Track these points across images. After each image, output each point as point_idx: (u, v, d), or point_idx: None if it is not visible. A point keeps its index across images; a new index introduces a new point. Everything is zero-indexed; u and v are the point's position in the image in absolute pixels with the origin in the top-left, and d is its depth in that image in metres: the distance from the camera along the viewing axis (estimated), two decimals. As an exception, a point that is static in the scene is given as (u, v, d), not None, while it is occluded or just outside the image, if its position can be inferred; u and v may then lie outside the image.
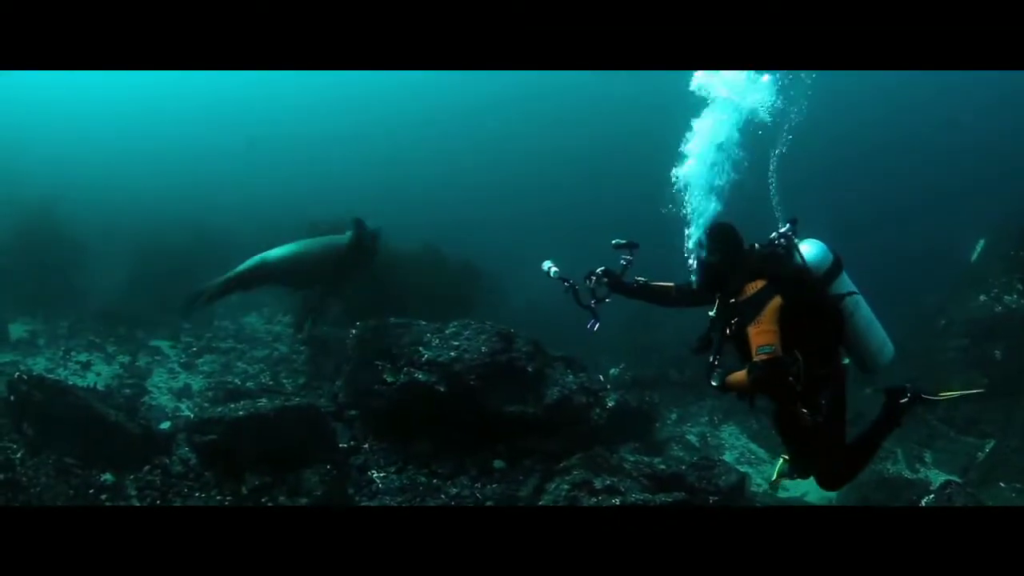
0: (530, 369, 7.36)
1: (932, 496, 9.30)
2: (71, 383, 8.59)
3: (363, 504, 6.73)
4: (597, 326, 5.11)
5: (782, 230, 4.62)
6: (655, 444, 9.02)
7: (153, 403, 10.30)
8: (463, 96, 39.17)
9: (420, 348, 7.28)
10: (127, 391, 10.44)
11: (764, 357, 4.17)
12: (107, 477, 6.54)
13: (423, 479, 7.07)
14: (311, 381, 10.35)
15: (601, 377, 8.29)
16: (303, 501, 6.54)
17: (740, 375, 4.33)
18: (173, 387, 11.25)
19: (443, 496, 6.84)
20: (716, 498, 6.86)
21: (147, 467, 6.84)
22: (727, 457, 9.99)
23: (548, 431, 7.28)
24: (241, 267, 9.53)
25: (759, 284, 4.33)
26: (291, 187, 28.74)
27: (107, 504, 6.27)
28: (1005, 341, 12.09)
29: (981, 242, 14.05)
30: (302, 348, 11.76)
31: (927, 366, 12.35)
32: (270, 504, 6.51)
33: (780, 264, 4.47)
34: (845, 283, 4.58)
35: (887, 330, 4.82)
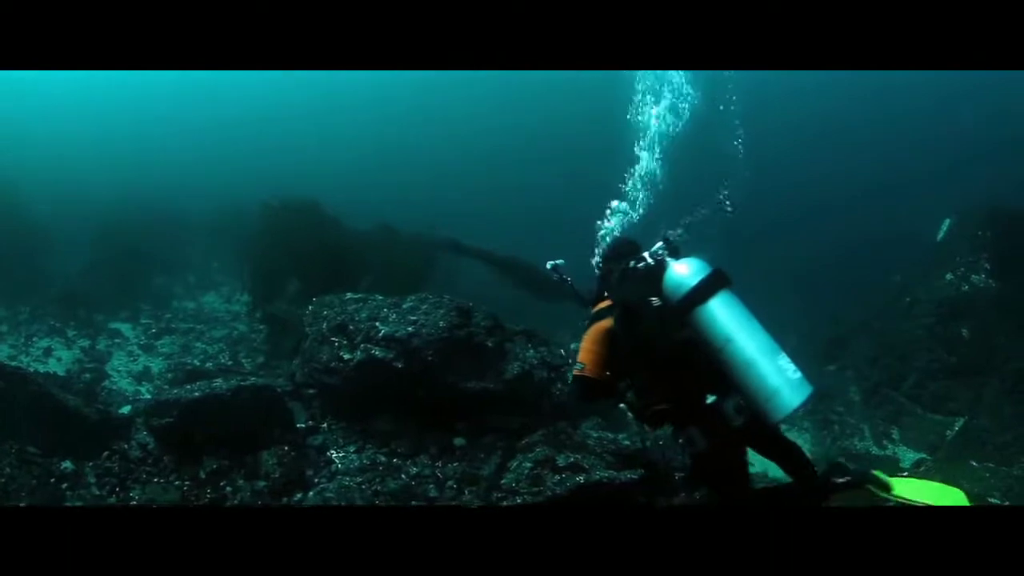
0: (490, 344, 7.19)
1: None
2: (32, 370, 8.43)
3: (321, 483, 6.54)
4: None
5: (653, 248, 4.47)
6: (618, 419, 8.90)
7: (113, 387, 10.17)
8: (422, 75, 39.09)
9: (377, 323, 7.07)
10: (87, 376, 10.31)
11: (575, 373, 4.32)
12: (67, 465, 6.36)
13: (383, 458, 6.89)
14: (270, 360, 10.24)
15: (562, 351, 8.12)
16: (261, 484, 6.38)
17: None
18: (133, 370, 11.16)
19: (403, 476, 6.66)
20: (682, 474, 6.74)
21: (106, 453, 6.65)
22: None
23: (509, 407, 7.12)
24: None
25: (606, 303, 4.38)
26: (248, 167, 28.49)
27: (71, 498, 6.09)
28: (972, 320, 12.14)
29: (947, 222, 14.11)
30: (261, 327, 11.62)
31: (893, 344, 12.41)
32: (228, 488, 6.34)
33: (622, 287, 4.40)
34: (718, 308, 4.12)
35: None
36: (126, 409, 8.37)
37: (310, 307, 8.01)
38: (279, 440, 6.80)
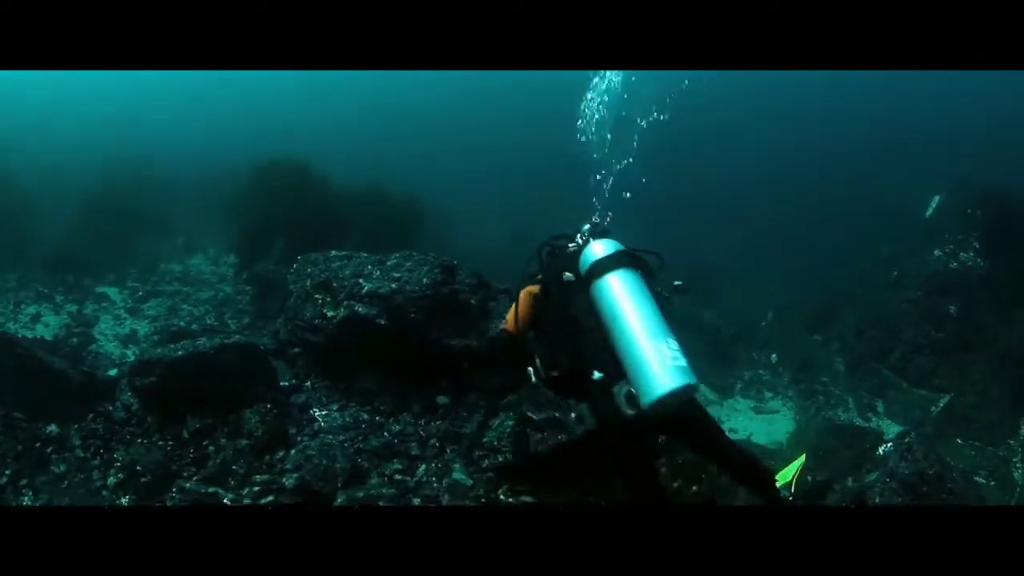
0: (473, 302, 7.15)
1: (890, 445, 9.35)
2: (19, 335, 8.40)
3: (303, 441, 6.52)
4: None
5: (583, 230, 4.75)
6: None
7: (100, 351, 10.13)
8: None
9: (361, 280, 7.03)
10: (74, 340, 10.27)
11: (501, 326, 4.72)
12: (52, 428, 6.34)
13: (366, 416, 6.89)
14: (255, 321, 10.19)
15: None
16: (243, 442, 6.35)
17: None
18: (119, 333, 11.12)
19: (386, 434, 6.67)
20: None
21: (90, 415, 6.63)
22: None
23: (492, 365, 7.08)
24: None
25: (540, 275, 4.69)
26: (234, 125, 28.23)
27: (55, 461, 6.11)
28: (960, 297, 12.16)
29: (936, 199, 14.11)
30: (247, 288, 11.58)
31: (879, 317, 12.43)
32: (211, 447, 6.34)
33: (551, 264, 4.69)
34: (612, 283, 4.15)
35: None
36: (112, 372, 8.33)
37: (294, 265, 7.96)
38: (262, 398, 6.76)
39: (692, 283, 4.98)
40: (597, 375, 4.11)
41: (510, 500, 5.88)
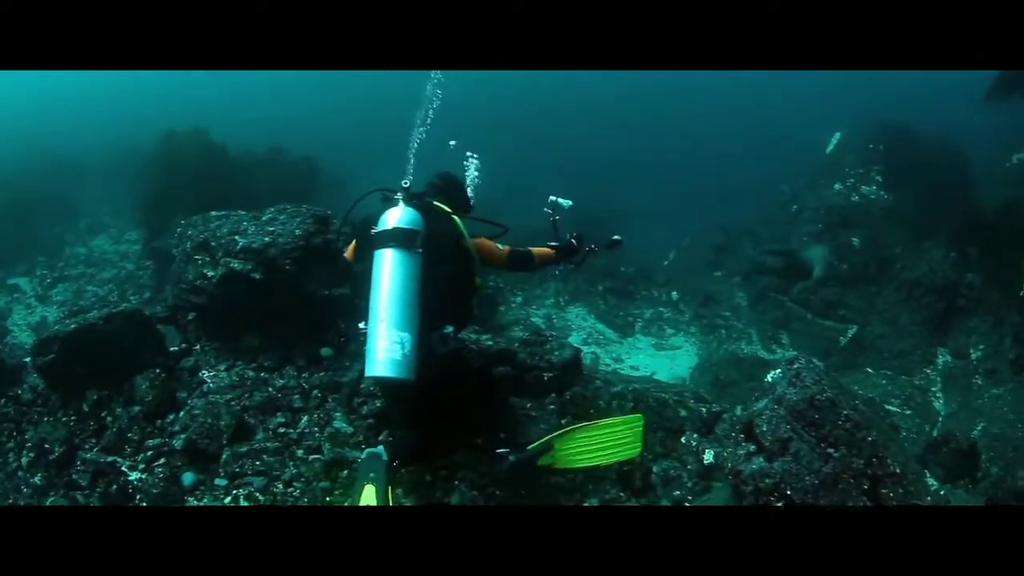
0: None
1: (779, 371, 9.54)
2: None
3: (192, 402, 6.54)
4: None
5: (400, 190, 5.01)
6: (498, 327, 8.97)
7: (14, 342, 10.08)
8: None
9: (236, 237, 7.03)
10: None
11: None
12: None
13: (251, 374, 6.95)
14: (156, 295, 10.14)
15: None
16: (136, 409, 6.46)
17: None
18: (31, 322, 11.05)
19: (270, 389, 6.75)
20: (551, 374, 6.84)
21: (1, 400, 6.70)
22: (574, 338, 10.05)
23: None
24: None
25: None
26: (136, 98, 27.71)
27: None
28: (863, 230, 12.39)
29: (837, 135, 14.36)
30: (148, 263, 11.54)
31: (780, 251, 12.64)
32: (108, 418, 6.42)
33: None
34: (382, 261, 4.50)
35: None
36: (27, 360, 8.31)
37: (178, 229, 7.94)
38: (152, 364, 6.83)
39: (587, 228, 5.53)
40: (362, 326, 4.58)
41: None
